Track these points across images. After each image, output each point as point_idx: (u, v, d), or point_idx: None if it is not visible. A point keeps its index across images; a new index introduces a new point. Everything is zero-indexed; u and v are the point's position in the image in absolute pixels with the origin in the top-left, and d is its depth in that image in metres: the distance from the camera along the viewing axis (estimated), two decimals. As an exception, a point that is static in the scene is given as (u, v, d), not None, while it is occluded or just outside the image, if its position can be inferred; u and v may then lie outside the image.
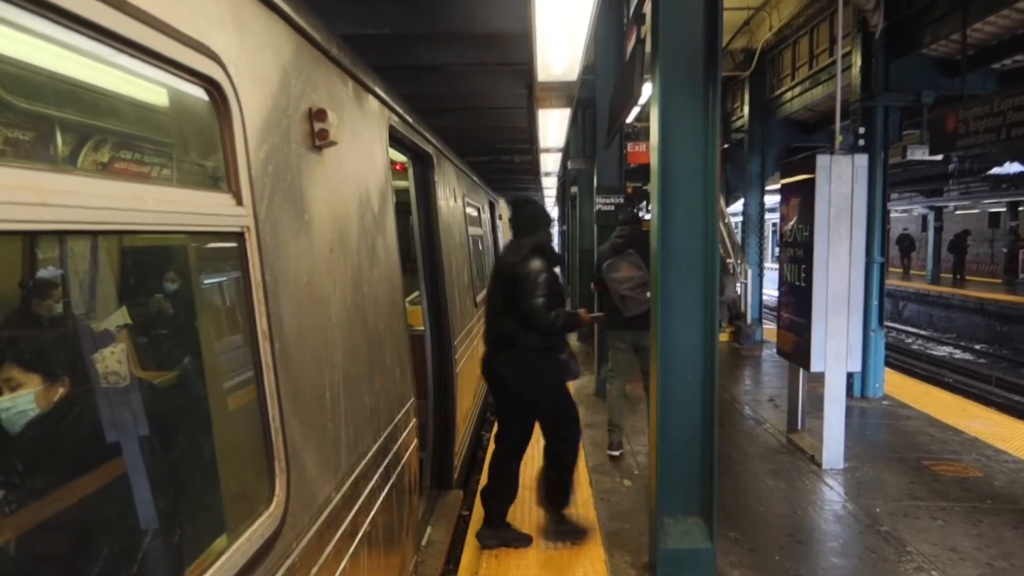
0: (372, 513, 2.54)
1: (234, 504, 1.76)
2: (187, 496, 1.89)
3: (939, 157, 11.80)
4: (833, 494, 5.04)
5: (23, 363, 1.93)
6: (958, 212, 25.79)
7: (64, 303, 2.18)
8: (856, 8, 7.58)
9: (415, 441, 3.36)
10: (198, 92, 1.51)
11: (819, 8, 9.55)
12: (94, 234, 1.50)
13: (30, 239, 1.95)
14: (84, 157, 2.04)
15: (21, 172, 1.06)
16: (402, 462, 3.07)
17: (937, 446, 6.11)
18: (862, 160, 5.35)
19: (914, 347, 18.89)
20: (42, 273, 2.10)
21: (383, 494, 2.71)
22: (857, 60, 7.73)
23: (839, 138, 5.82)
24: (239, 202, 1.59)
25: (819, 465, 5.53)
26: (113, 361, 2.04)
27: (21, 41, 1.29)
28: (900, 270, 26.77)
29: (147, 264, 2.30)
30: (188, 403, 2.14)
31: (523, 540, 4.17)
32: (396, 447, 2.95)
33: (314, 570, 1.91)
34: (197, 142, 1.68)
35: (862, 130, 7.60)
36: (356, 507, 2.33)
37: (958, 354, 17.80)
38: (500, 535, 4.17)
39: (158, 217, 1.32)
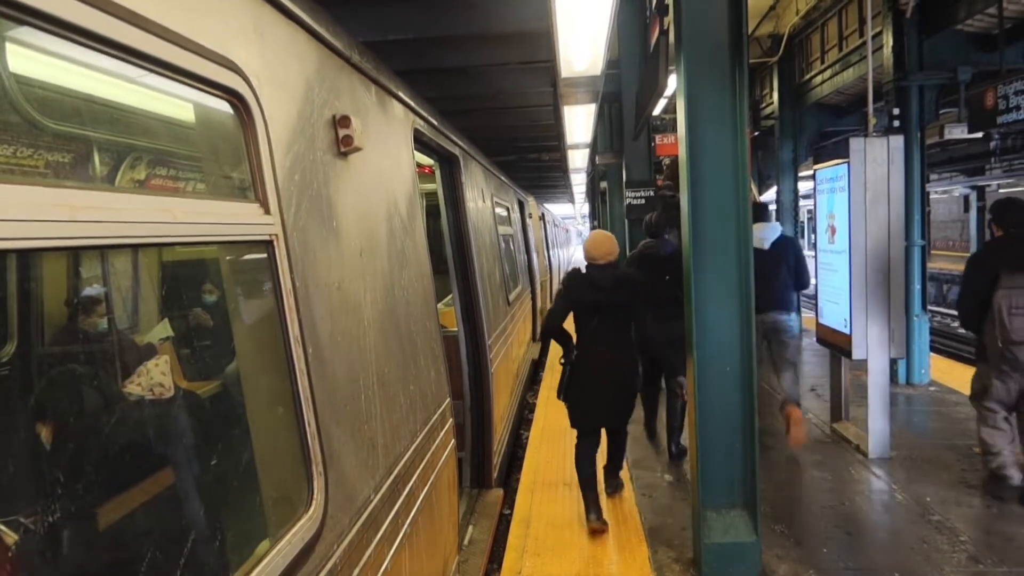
0: (412, 514, 2.56)
1: (274, 508, 1.79)
2: (228, 502, 1.93)
3: (979, 135, 11.46)
4: (881, 484, 4.93)
5: (71, 376, 1.99)
6: (1002, 191, 24.99)
7: (108, 318, 2.25)
8: (886, -14, 7.40)
9: (452, 441, 3.38)
10: (222, 105, 1.54)
11: (847, -12, 9.35)
12: (128, 247, 1.54)
13: (75, 257, 2.01)
14: (122, 175, 2.10)
15: (55, 191, 1.09)
16: (440, 462, 3.09)
17: (989, 432, 5.91)
18: (897, 142, 5.22)
19: (960, 331, 18.34)
20: (89, 290, 2.16)
21: (422, 494, 2.72)
22: (888, 40, 7.54)
23: (873, 120, 5.69)
24: (266, 211, 1.61)
25: (865, 454, 5.40)
26: (157, 373, 2.10)
27: (53, 66, 1.33)
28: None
29: (180, 277, 2.35)
30: (226, 411, 2.18)
31: None
32: (433, 447, 2.97)
33: (355, 572, 1.93)
34: (223, 154, 1.71)
35: (896, 111, 7.40)
36: (396, 508, 2.35)
37: (1008, 336, 17.20)
38: None
39: (188, 229, 1.35)
